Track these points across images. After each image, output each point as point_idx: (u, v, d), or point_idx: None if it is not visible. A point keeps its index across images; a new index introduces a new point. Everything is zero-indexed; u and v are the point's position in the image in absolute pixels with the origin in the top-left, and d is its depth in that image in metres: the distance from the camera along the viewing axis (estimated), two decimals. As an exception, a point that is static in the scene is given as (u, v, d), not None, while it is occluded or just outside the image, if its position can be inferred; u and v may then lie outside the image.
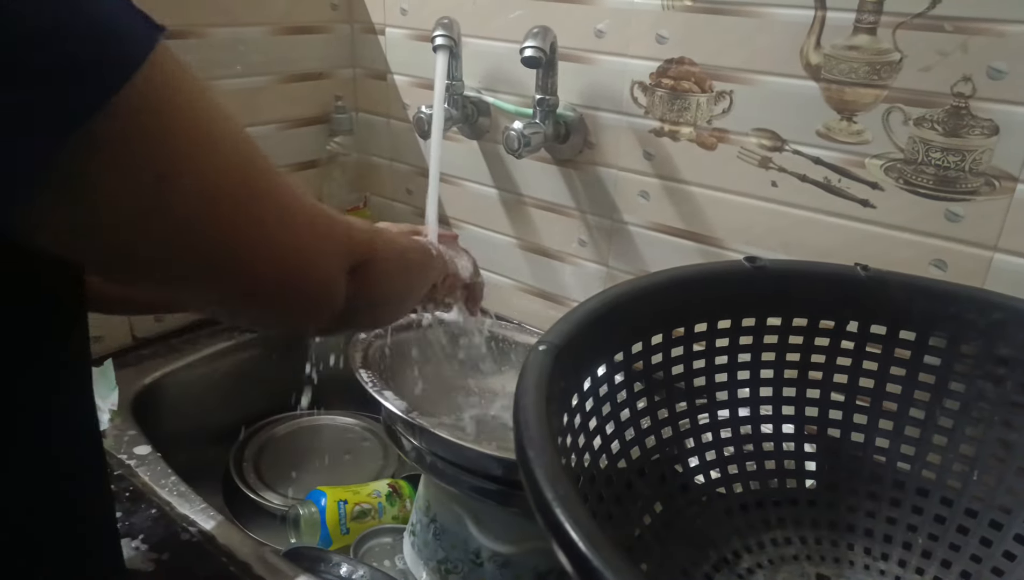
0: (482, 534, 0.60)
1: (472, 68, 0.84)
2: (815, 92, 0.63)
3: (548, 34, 0.71)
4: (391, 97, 0.96)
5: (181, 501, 0.61)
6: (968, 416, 0.53)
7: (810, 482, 0.57)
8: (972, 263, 0.60)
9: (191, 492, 0.63)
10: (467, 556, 0.61)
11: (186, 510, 0.60)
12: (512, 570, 0.60)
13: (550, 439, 0.36)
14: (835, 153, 0.64)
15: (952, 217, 0.60)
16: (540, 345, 0.43)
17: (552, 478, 0.32)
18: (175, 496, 0.62)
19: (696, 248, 0.75)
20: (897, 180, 0.62)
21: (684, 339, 0.54)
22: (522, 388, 0.39)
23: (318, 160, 0.97)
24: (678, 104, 0.71)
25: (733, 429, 0.57)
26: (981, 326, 0.53)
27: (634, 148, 0.76)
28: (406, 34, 0.91)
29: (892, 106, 0.60)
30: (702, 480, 0.55)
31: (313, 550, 0.62)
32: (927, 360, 0.54)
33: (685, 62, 0.70)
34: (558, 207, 0.84)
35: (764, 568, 0.53)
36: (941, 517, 0.53)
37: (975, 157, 0.58)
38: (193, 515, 0.60)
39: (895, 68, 0.59)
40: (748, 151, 0.68)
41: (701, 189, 0.73)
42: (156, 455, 0.67)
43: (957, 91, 0.57)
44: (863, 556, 0.54)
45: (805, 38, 0.62)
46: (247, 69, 0.87)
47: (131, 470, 0.65)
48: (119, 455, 0.67)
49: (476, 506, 0.60)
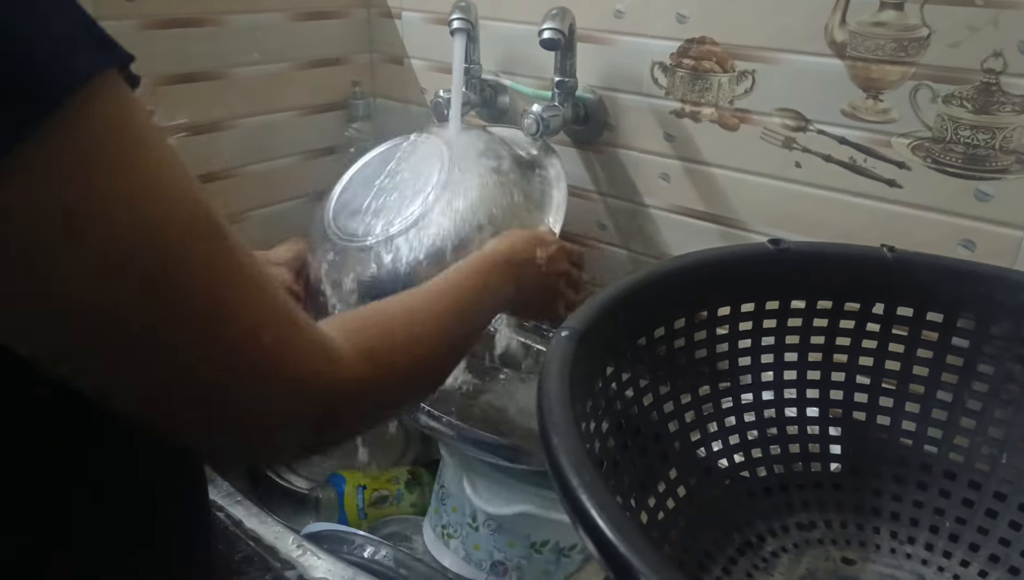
0: (476, 496, 0.62)
1: (490, 51, 0.83)
2: (840, 70, 0.62)
3: (567, 15, 0.70)
4: (409, 82, 0.95)
5: (209, 487, 0.62)
6: (997, 398, 0.53)
7: (835, 465, 0.56)
8: (1002, 243, 0.59)
9: (217, 478, 0.63)
10: (464, 520, 0.63)
11: (214, 495, 0.61)
12: (505, 536, 0.62)
13: (574, 425, 0.35)
14: (861, 132, 0.63)
15: (981, 196, 0.59)
16: (563, 330, 0.43)
17: (577, 464, 0.32)
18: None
19: (719, 230, 0.74)
20: (925, 159, 0.60)
21: (707, 323, 0.54)
22: (545, 373, 0.39)
23: (336, 146, 0.97)
24: (699, 84, 0.70)
25: (757, 413, 0.56)
26: (1011, 307, 0.52)
27: (655, 130, 0.75)
28: (423, 17, 0.91)
29: (920, 83, 0.59)
30: (725, 464, 0.55)
31: (337, 531, 0.63)
32: (955, 342, 0.54)
33: (706, 41, 0.69)
34: (578, 190, 0.83)
35: (788, 552, 0.52)
36: (969, 500, 0.53)
37: (1006, 134, 0.56)
38: (220, 500, 0.61)
39: (923, 44, 0.58)
40: (771, 131, 0.67)
41: (723, 171, 0.72)
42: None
43: (987, 67, 0.56)
44: (889, 540, 0.53)
45: (830, 15, 0.61)
46: (265, 56, 0.87)
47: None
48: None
49: (475, 467, 0.62)
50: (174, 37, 0.79)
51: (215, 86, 0.84)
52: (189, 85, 0.82)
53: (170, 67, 0.79)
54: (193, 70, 0.82)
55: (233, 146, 0.87)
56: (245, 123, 0.88)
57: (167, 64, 0.79)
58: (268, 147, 0.91)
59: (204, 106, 0.84)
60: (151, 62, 0.78)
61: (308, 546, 0.54)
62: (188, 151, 0.83)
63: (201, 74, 0.82)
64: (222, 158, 0.87)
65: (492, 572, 0.63)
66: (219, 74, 0.84)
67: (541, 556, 0.62)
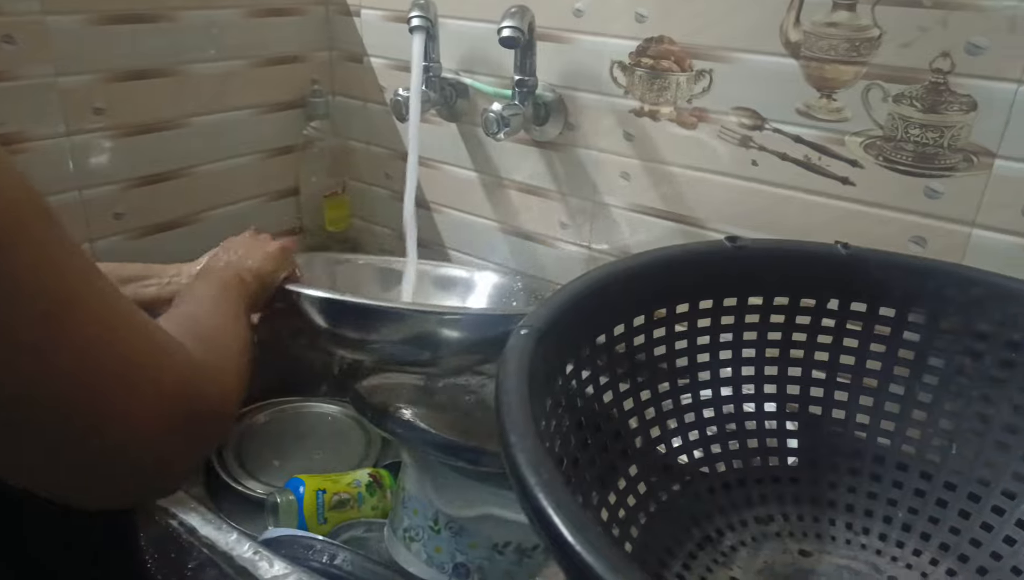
0: (438, 498, 0.61)
1: (450, 49, 0.83)
2: (795, 69, 0.63)
3: (526, 14, 0.70)
4: (368, 80, 0.94)
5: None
6: (947, 391, 0.54)
7: (792, 459, 0.57)
8: (951, 239, 0.60)
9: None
10: (426, 523, 0.62)
11: (167, 503, 0.60)
12: (467, 538, 0.61)
13: (532, 423, 0.35)
14: (815, 131, 0.64)
15: (931, 194, 0.60)
16: (522, 329, 0.43)
17: (535, 463, 0.32)
18: (155, 487, 0.61)
19: (678, 229, 0.74)
20: (877, 157, 0.62)
21: (666, 320, 0.54)
22: (503, 372, 0.39)
23: (295, 145, 0.96)
24: (658, 84, 0.71)
25: (716, 409, 0.57)
26: (960, 302, 0.53)
27: (614, 129, 0.75)
28: (382, 15, 0.90)
29: (871, 83, 0.60)
30: (685, 460, 0.55)
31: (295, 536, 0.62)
32: (907, 336, 0.55)
33: (664, 41, 0.69)
34: (539, 189, 0.83)
35: (747, 545, 0.53)
36: (921, 491, 0.54)
37: (953, 133, 0.58)
38: (173, 507, 0.59)
39: (874, 44, 0.59)
40: (728, 130, 0.68)
41: (682, 169, 0.72)
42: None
43: (936, 67, 0.57)
44: (845, 531, 0.54)
45: (784, 15, 0.62)
46: (220, 53, 0.86)
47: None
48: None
49: (437, 469, 0.62)
50: (125, 33, 0.77)
51: (168, 83, 0.82)
52: (141, 82, 0.80)
53: (121, 63, 0.77)
54: (145, 67, 0.80)
55: (188, 145, 0.86)
56: (200, 121, 0.86)
57: (118, 61, 0.77)
58: (224, 146, 0.89)
59: (157, 104, 0.82)
60: (101, 58, 0.76)
61: (265, 552, 0.53)
62: (141, 150, 0.81)
63: (154, 71, 0.80)
64: (176, 157, 0.85)
65: (454, 574, 0.62)
66: (173, 71, 0.82)
67: (503, 557, 0.62)
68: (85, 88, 0.75)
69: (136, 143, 0.81)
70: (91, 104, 0.76)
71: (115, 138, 0.79)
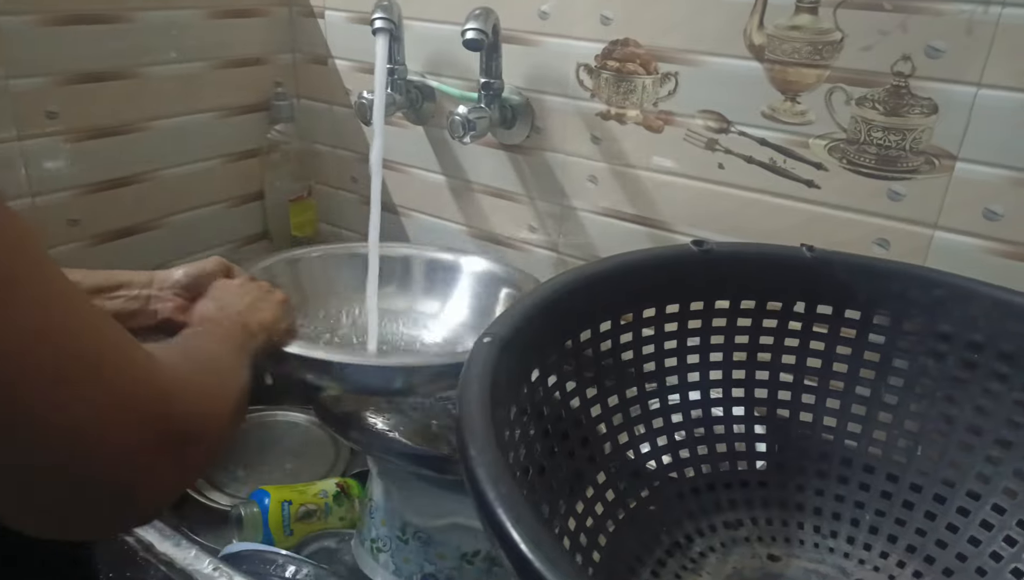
0: (405, 508, 0.60)
1: (415, 51, 0.82)
2: (759, 73, 0.63)
3: (490, 16, 0.69)
4: (333, 83, 0.93)
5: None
6: (912, 392, 0.54)
7: (761, 463, 0.57)
8: (914, 241, 0.60)
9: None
10: (394, 533, 0.61)
11: (124, 517, 0.58)
12: (435, 548, 0.60)
13: (493, 435, 0.34)
14: (780, 134, 0.64)
15: (894, 196, 0.60)
16: (485, 337, 0.42)
17: (494, 477, 0.31)
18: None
19: (645, 232, 0.74)
20: (840, 160, 0.62)
21: (633, 325, 0.54)
22: (465, 381, 0.38)
23: (259, 149, 0.94)
24: (624, 86, 0.70)
25: (684, 413, 0.57)
26: (923, 303, 0.53)
27: (581, 132, 0.75)
28: (346, 17, 0.88)
29: (834, 86, 0.60)
30: (654, 466, 0.55)
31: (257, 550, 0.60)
32: (872, 338, 0.55)
33: (630, 44, 0.69)
34: (507, 193, 0.83)
35: (716, 551, 0.53)
36: (887, 493, 0.54)
37: (915, 136, 0.58)
38: (132, 522, 0.57)
39: (837, 48, 0.59)
40: (694, 133, 0.68)
41: (649, 173, 0.72)
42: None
43: (897, 70, 0.57)
44: (813, 534, 0.54)
45: (748, 18, 0.62)
46: (181, 55, 0.84)
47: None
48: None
49: (404, 479, 0.61)
50: (80, 34, 0.75)
51: (127, 86, 0.80)
52: (97, 85, 0.77)
53: (76, 66, 0.75)
54: (102, 69, 0.77)
55: (148, 149, 0.83)
56: (160, 125, 0.84)
57: (73, 63, 0.75)
58: (186, 150, 0.87)
59: (115, 107, 0.79)
60: (55, 60, 0.73)
61: (225, 568, 0.52)
62: (98, 155, 0.79)
63: (111, 73, 0.78)
64: (135, 162, 0.83)
65: (423, 584, 0.61)
66: (131, 74, 0.80)
67: (472, 567, 0.61)
68: (37, 91, 0.73)
69: (92, 147, 0.78)
70: (44, 107, 0.74)
71: (70, 142, 0.77)
